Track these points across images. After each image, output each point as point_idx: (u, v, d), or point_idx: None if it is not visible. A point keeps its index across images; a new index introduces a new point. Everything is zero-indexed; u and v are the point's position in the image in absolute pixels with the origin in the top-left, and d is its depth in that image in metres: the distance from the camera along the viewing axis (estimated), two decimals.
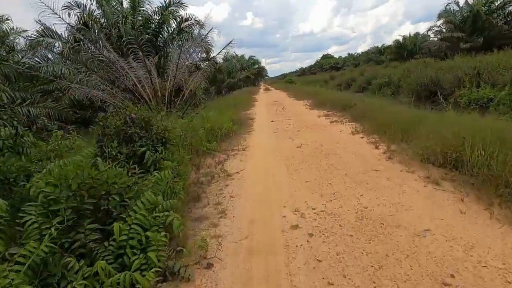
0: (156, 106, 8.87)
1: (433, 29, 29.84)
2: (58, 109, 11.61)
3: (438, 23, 29.66)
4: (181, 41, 14.72)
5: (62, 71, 12.25)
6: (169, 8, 15.46)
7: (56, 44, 13.38)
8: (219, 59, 24.54)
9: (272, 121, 10.03)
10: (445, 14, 28.65)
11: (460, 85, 14.96)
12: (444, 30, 29.03)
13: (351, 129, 7.38)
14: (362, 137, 6.45)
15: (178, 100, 10.30)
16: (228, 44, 10.32)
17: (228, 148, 6.60)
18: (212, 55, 15.49)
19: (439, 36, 30.78)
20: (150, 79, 8.77)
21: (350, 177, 4.22)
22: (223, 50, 11.82)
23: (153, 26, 15.78)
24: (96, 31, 13.58)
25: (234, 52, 29.05)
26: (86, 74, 11.16)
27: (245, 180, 4.60)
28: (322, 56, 65.14)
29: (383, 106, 9.47)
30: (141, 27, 15.29)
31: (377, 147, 5.54)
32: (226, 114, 9.56)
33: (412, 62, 22.42)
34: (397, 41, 38.71)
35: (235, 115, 10.99)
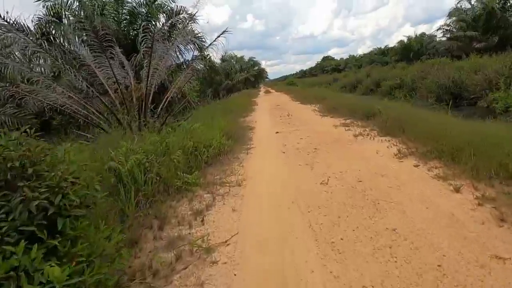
0: (124, 115, 6.65)
1: (444, 28, 27.67)
2: (17, 117, 9.44)
3: (448, 21, 27.57)
4: (172, 37, 12.51)
5: (25, 72, 10.03)
6: (158, 1, 13.24)
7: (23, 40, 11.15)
8: (217, 59, 22.28)
9: (277, 132, 7.77)
10: (457, 12, 26.47)
11: (492, 87, 12.76)
12: (455, 30, 26.85)
13: (390, 148, 5.13)
14: (416, 165, 4.19)
15: (161, 106, 8.05)
16: (221, 34, 8.08)
17: (215, 181, 4.34)
18: (205, 53, 13.34)
19: (448, 36, 28.67)
20: (116, 80, 6.51)
21: (456, 280, 1.98)
22: (217, 46, 9.54)
23: (140, 21, 13.56)
24: (71, 23, 11.36)
25: (232, 52, 26.91)
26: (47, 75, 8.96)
27: (237, 269, 2.35)
28: (323, 58, 62.78)
29: (416, 114, 7.26)
30: (125, 22, 13.08)
31: (457, 190, 3.27)
32: (218, 124, 7.32)
33: (427, 62, 20.21)
34: (401, 42, 36.67)
35: (231, 123, 8.74)
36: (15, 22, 8.60)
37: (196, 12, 9.50)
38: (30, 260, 1.48)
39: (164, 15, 13.69)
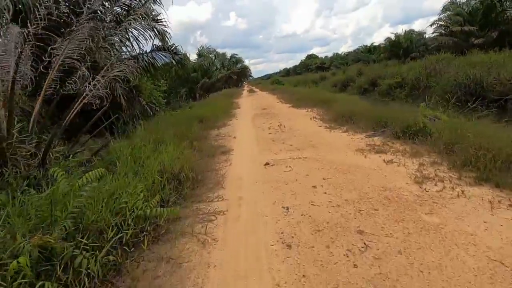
0: None
1: (438, 23, 25.22)
2: None
3: (442, 16, 25.22)
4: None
5: None
6: None
7: None
8: (193, 55, 18.63)
9: (266, 164, 4.44)
10: (452, 6, 24.07)
11: None
12: (450, 25, 24.47)
13: None
14: None
15: (65, 121, 4.49)
16: None
17: None
18: (169, 42, 9.91)
19: (439, 31, 26.33)
20: None
21: None
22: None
23: None
24: None
25: (211, 46, 22.98)
26: None
27: None
28: (307, 56, 59.52)
29: (495, 133, 4.19)
30: None
31: None
32: (161, 158, 3.92)
33: (429, 58, 17.44)
34: (389, 39, 34.32)
35: (193, 146, 5.36)
36: None
37: None
38: None
39: None
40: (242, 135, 6.87)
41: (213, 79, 19.93)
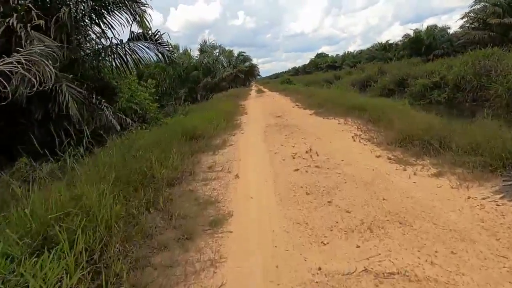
0: None
1: (470, 16, 21.86)
2: None
3: (475, 7, 21.88)
4: None
5: None
6: None
7: None
8: (195, 52, 16.07)
9: None
10: None
11: None
12: (485, 17, 21.11)
13: None
14: None
15: None
16: None
17: None
18: (149, 28, 7.23)
19: (469, 25, 23.01)
20: None
21: None
22: None
23: None
24: None
25: (214, 41, 20.06)
26: None
27: None
28: (317, 55, 55.92)
29: None
30: None
31: None
32: None
33: (470, 54, 14.29)
34: (407, 36, 30.99)
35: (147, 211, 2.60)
36: None
37: None
38: None
39: None
40: (250, 171, 4.05)
41: (217, 78, 17.11)
